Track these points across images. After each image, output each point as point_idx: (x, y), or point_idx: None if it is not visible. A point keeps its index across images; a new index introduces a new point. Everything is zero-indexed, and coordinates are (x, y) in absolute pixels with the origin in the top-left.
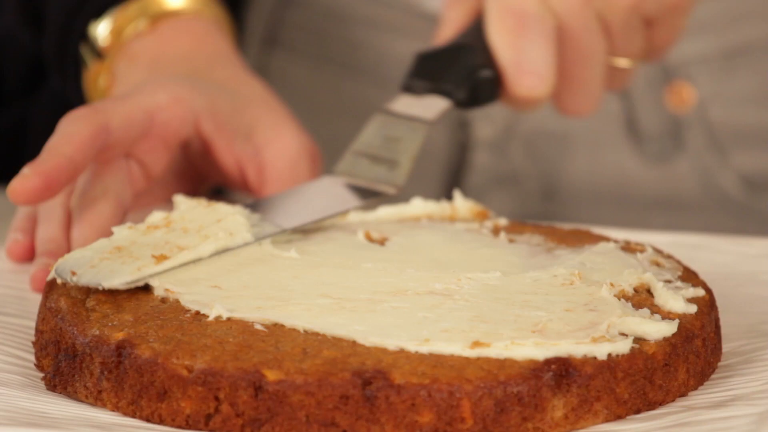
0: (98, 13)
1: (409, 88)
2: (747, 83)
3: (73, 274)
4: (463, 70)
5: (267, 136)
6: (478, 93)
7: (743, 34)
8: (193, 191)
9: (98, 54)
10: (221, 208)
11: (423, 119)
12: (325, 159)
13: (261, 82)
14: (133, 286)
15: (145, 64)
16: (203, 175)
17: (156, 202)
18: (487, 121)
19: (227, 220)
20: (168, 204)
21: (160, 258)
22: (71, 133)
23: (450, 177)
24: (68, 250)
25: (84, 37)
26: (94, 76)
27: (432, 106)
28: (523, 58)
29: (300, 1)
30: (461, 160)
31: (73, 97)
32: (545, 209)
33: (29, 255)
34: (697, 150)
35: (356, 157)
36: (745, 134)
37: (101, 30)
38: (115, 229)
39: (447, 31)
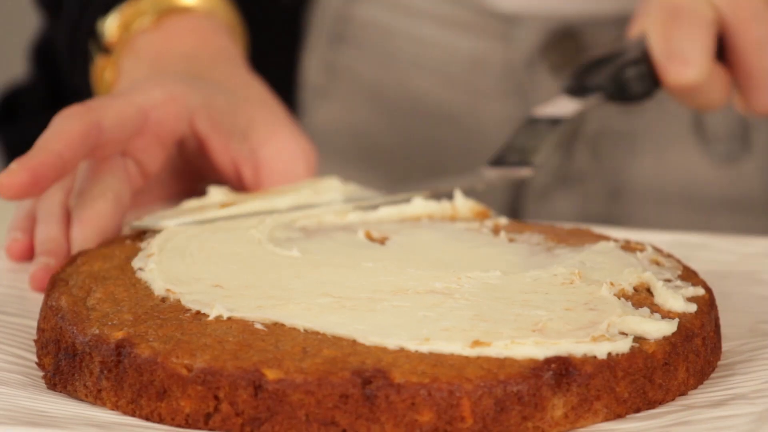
0: (107, 8)
1: (566, 89)
2: None
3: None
4: (613, 67)
5: (263, 135)
6: (628, 87)
7: None
8: (190, 190)
9: (104, 49)
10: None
11: (563, 115)
12: (393, 156)
13: (260, 83)
14: (192, 224)
15: (149, 61)
16: (200, 173)
17: (154, 200)
18: None
19: (320, 183)
20: (166, 203)
21: (226, 205)
22: (62, 130)
23: None
24: (67, 249)
25: (93, 31)
26: (101, 70)
27: (577, 103)
28: (672, 46)
29: None
30: None
31: (83, 91)
32: (609, 210)
33: (28, 254)
34: (764, 151)
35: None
36: None
37: (109, 24)
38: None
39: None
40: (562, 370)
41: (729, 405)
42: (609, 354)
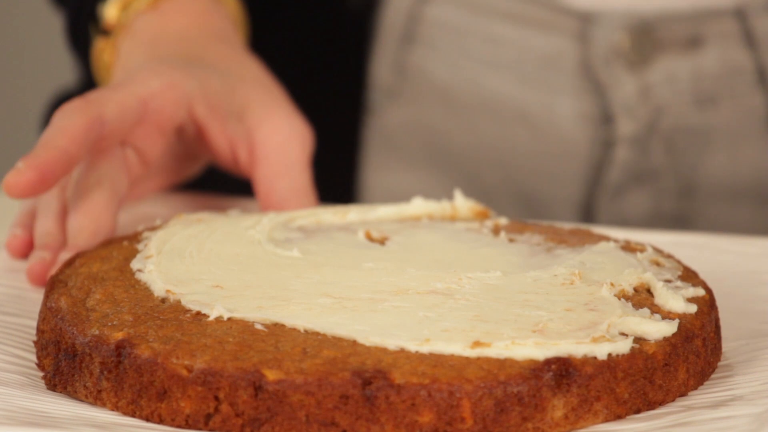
0: None
1: None
2: None
3: None
4: None
5: (259, 116)
6: None
7: None
8: (187, 174)
9: (104, 31)
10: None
11: None
12: (464, 157)
13: (257, 62)
14: None
15: (146, 42)
16: (197, 157)
17: (153, 188)
18: (630, 117)
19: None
20: (165, 189)
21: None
22: (65, 126)
23: (591, 174)
24: (64, 242)
25: (93, 15)
26: (99, 52)
27: None
28: None
29: None
30: (603, 157)
31: (86, 75)
32: (681, 208)
33: (28, 250)
34: None
35: None
36: None
37: (108, 7)
38: None
39: None
40: (562, 371)
41: (729, 406)
42: (609, 355)
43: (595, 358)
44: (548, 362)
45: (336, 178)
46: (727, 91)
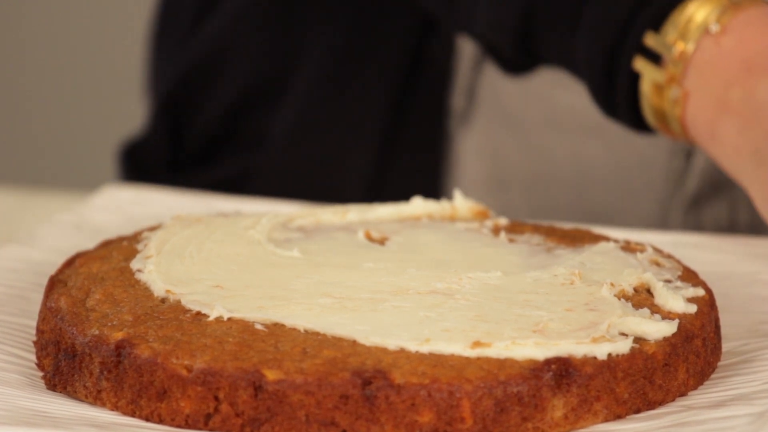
0: (658, 20)
1: None
2: None
3: None
4: None
5: None
6: None
7: None
8: None
9: (657, 62)
10: None
11: None
12: (534, 180)
13: None
14: None
15: (733, 70)
16: None
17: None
18: None
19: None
20: None
21: None
22: None
23: (668, 185)
24: None
25: (640, 48)
26: (657, 89)
27: None
28: None
29: None
30: (682, 167)
31: (624, 115)
32: (756, 216)
33: None
34: None
35: None
36: None
37: (666, 37)
38: None
39: None
40: (562, 371)
41: (729, 406)
42: (609, 355)
43: (595, 358)
44: (548, 362)
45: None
46: None
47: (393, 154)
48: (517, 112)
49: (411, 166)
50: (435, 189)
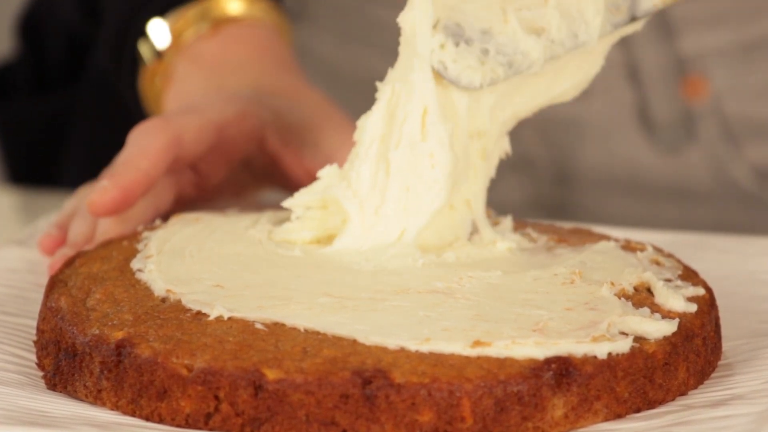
0: (160, 13)
1: None
2: (763, 77)
3: None
4: None
5: (335, 142)
6: None
7: (760, 28)
8: (241, 196)
9: (157, 53)
10: None
11: None
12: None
13: (320, 92)
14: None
15: (206, 69)
16: (258, 185)
17: (204, 207)
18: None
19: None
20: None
21: None
22: (146, 146)
23: None
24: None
25: (143, 35)
26: (151, 75)
27: None
28: None
29: None
30: None
31: (127, 95)
32: (556, 195)
33: (57, 248)
34: (710, 141)
35: None
36: (760, 127)
37: (161, 30)
38: None
39: None
40: (562, 370)
41: (729, 405)
42: (609, 354)
43: (595, 357)
44: (548, 361)
45: None
46: (598, 84)
47: None
48: (333, 70)
49: None
50: None
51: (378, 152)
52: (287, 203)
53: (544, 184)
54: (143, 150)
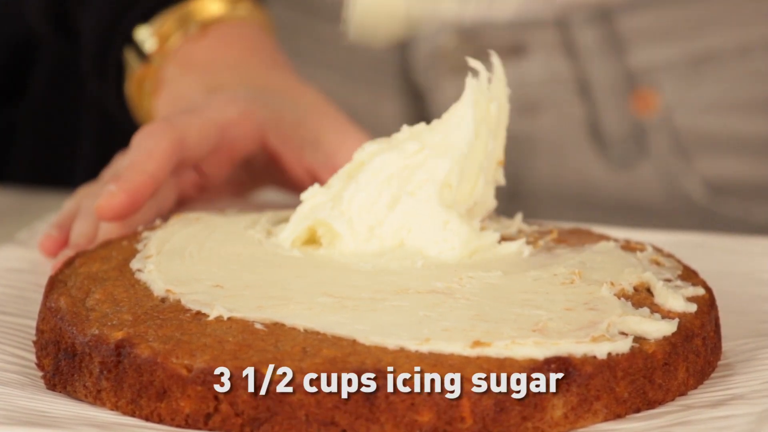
0: (144, 18)
1: None
2: (712, 90)
3: None
4: None
5: (335, 141)
6: None
7: (709, 41)
8: (241, 195)
9: (144, 58)
10: None
11: None
12: None
13: (315, 90)
14: None
15: (198, 70)
16: (259, 184)
17: (204, 207)
18: None
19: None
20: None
21: None
22: (151, 149)
23: None
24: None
25: (129, 41)
26: (139, 80)
27: None
28: None
29: None
30: None
31: (112, 101)
32: (509, 209)
33: (59, 250)
34: (661, 155)
35: None
36: (710, 140)
37: (147, 34)
38: None
39: None
40: (561, 370)
41: (729, 405)
42: (609, 354)
43: (594, 357)
44: (548, 362)
45: None
46: (549, 99)
47: None
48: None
49: None
50: None
51: (384, 184)
52: (281, 239)
53: (497, 198)
54: (149, 153)
